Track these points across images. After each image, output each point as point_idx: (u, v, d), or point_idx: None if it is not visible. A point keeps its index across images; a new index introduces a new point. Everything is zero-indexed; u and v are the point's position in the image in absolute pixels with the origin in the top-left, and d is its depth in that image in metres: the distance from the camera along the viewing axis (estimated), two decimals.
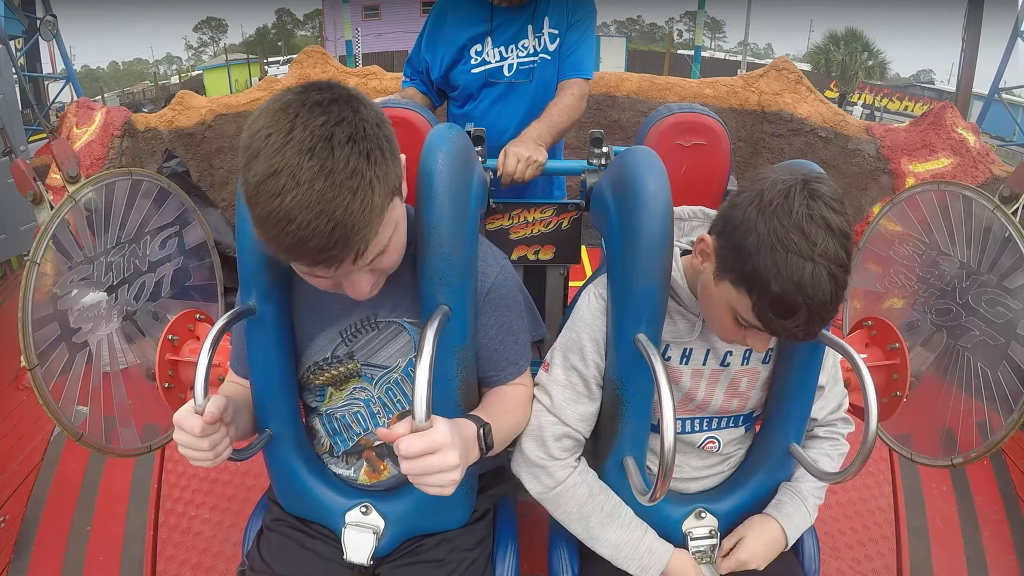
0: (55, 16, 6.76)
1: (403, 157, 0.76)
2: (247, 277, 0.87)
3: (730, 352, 0.96)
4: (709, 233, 0.85)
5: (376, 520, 0.94)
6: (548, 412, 0.97)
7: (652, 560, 0.95)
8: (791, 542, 0.99)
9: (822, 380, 1.00)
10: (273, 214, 0.64)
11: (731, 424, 1.01)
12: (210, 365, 0.76)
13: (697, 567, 0.96)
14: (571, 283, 1.54)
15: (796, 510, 0.99)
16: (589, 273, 1.73)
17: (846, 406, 1.08)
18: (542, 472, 0.97)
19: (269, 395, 0.93)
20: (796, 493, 1.01)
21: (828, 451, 1.04)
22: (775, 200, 0.74)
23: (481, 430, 0.82)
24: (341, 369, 0.94)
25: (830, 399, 1.04)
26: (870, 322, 1.29)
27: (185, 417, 0.74)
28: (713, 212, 0.97)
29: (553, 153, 1.68)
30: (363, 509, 0.95)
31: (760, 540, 0.97)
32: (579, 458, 0.99)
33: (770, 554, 0.97)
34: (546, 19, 1.55)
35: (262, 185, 0.64)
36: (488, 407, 0.93)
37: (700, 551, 0.98)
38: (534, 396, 1.00)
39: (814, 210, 0.72)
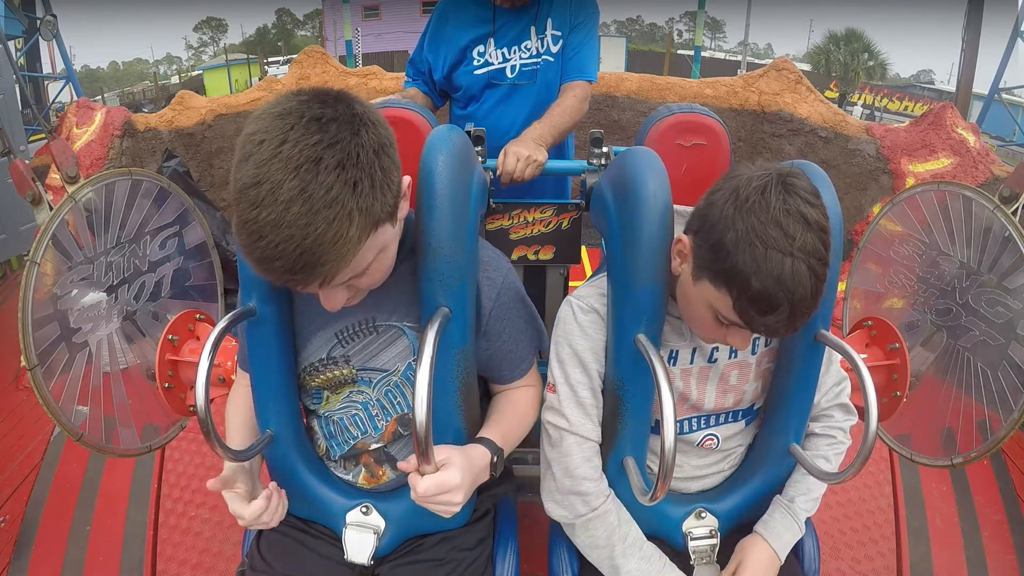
0: (55, 16, 6.76)
1: (406, 179, 0.75)
2: (248, 278, 0.87)
3: (716, 348, 0.96)
4: (685, 232, 0.84)
5: (377, 520, 0.94)
6: (570, 432, 0.94)
7: None
8: (783, 560, 0.98)
9: None
10: (247, 224, 0.64)
11: (729, 419, 1.01)
12: (211, 368, 0.77)
13: None
14: (571, 283, 1.54)
15: (787, 528, 0.98)
16: (589, 273, 1.73)
17: (848, 390, 1.04)
18: (577, 499, 0.94)
19: (270, 395, 0.93)
20: (788, 510, 0.99)
21: (824, 451, 1.01)
22: (751, 196, 0.74)
23: (495, 457, 0.85)
24: (336, 373, 0.94)
25: (822, 384, 1.00)
26: (870, 322, 1.29)
27: (246, 513, 0.83)
28: (684, 208, 0.94)
29: (562, 154, 1.67)
30: (364, 509, 0.95)
31: (758, 560, 0.96)
32: (609, 485, 0.97)
33: (771, 572, 0.96)
34: (549, 20, 1.55)
35: (244, 192, 0.64)
36: (500, 416, 0.95)
37: (700, 551, 0.98)
38: (551, 422, 0.97)
39: (791, 205, 0.73)
